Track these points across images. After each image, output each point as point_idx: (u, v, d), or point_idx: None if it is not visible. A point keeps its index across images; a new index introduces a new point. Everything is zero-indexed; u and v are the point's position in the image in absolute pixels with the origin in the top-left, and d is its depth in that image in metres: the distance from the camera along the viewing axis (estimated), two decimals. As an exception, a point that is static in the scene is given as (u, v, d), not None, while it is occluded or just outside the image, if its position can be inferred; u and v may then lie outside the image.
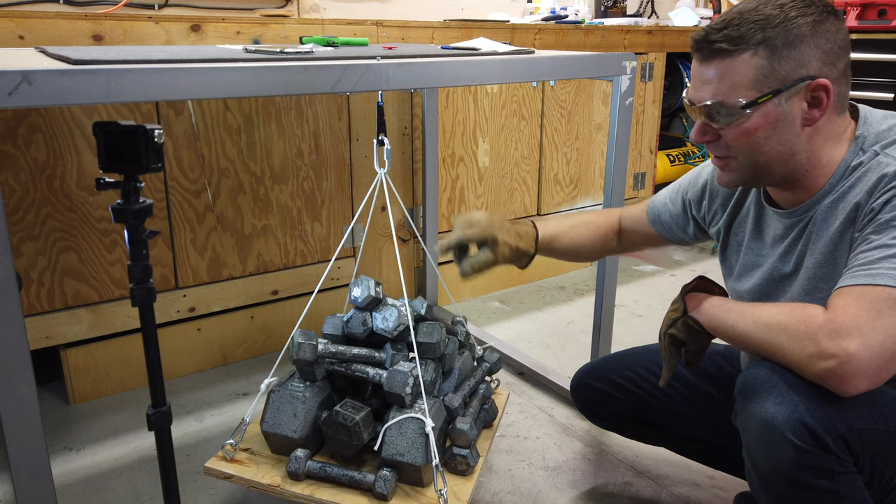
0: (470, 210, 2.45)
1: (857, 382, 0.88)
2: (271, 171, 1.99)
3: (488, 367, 1.59)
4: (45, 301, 1.74)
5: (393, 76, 1.21)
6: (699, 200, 1.29)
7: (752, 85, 0.99)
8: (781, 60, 0.98)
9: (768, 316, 0.98)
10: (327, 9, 2.68)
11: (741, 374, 1.03)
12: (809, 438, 0.92)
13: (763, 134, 1.01)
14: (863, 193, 1.00)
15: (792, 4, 0.98)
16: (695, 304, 1.10)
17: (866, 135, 1.04)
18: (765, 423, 0.94)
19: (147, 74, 0.99)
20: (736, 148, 1.04)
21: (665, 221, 1.36)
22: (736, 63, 0.99)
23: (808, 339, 0.91)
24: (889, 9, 2.84)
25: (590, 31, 2.56)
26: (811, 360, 0.91)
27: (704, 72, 1.03)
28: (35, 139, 1.64)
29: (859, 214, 1.00)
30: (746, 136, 1.02)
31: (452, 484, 1.32)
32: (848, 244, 1.01)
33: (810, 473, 0.93)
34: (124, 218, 0.99)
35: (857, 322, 0.89)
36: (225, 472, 1.33)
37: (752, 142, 1.02)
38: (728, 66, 1.00)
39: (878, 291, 0.90)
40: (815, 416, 0.92)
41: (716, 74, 1.01)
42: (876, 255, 0.93)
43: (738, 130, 1.02)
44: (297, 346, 1.35)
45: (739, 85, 1.00)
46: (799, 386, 0.94)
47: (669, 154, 3.10)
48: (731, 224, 1.24)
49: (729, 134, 1.03)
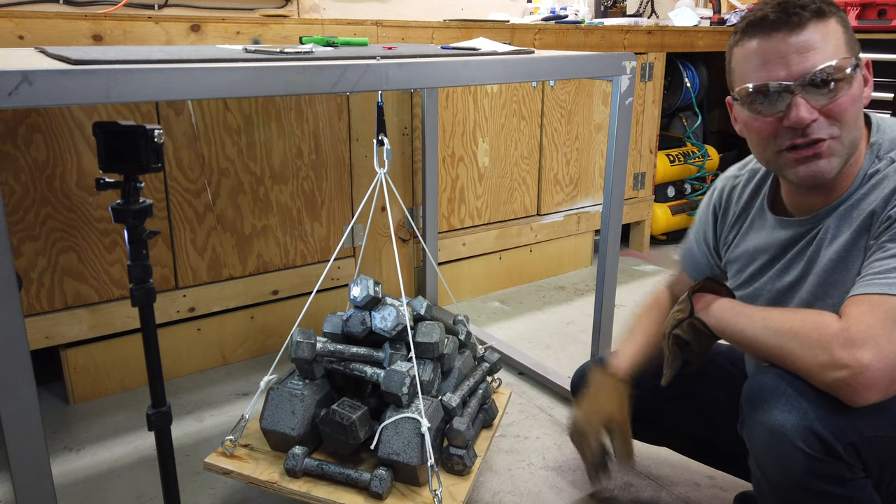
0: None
1: (869, 394, 0.88)
2: (271, 171, 1.99)
3: (489, 366, 1.59)
4: (45, 301, 1.74)
5: (393, 76, 1.21)
6: (713, 225, 1.29)
7: (847, 49, 0.98)
8: (850, 32, 0.99)
9: (780, 321, 0.97)
10: (327, 9, 2.68)
11: (747, 382, 1.02)
12: (820, 446, 0.91)
13: (859, 105, 1.00)
14: (879, 201, 0.99)
15: None
16: (702, 306, 1.08)
17: (881, 142, 1.03)
18: (774, 431, 0.93)
19: (147, 74, 0.99)
20: (844, 120, 0.98)
21: (699, 262, 1.34)
22: (830, 26, 0.98)
23: (820, 348, 0.91)
24: (889, 9, 2.84)
25: (590, 31, 2.56)
26: (823, 369, 0.90)
27: (798, 41, 0.96)
28: (35, 139, 1.64)
29: (875, 222, 0.99)
30: (853, 102, 0.98)
31: (449, 484, 1.32)
32: (862, 251, 1.00)
33: (822, 481, 0.92)
34: (124, 218, 0.99)
35: (871, 333, 0.88)
36: (224, 468, 1.33)
37: (855, 110, 0.99)
38: (826, 28, 0.97)
39: (893, 301, 0.90)
40: (824, 423, 0.91)
41: (818, 38, 0.97)
42: (892, 263, 0.93)
43: (848, 97, 0.98)
44: (296, 344, 1.36)
45: (838, 48, 0.97)
46: (808, 393, 0.93)
47: (669, 154, 3.10)
48: (738, 236, 1.23)
49: (839, 103, 0.97)
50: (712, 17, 3.33)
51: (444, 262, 2.45)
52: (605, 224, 1.68)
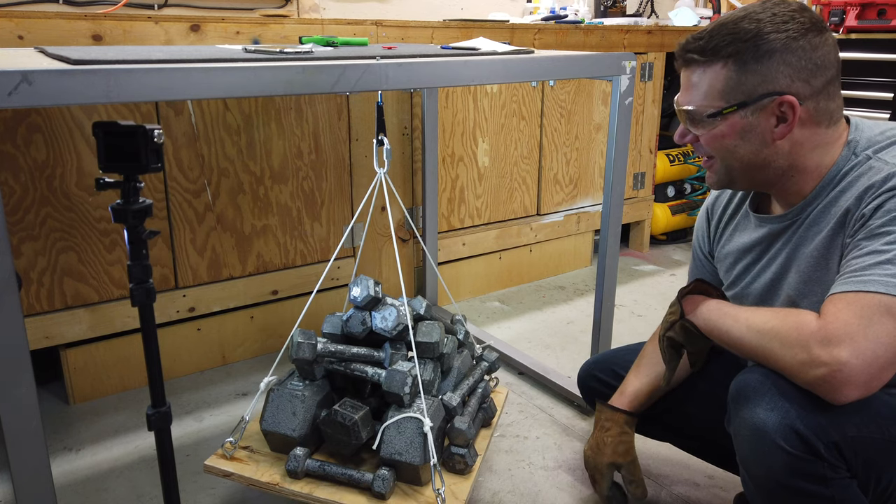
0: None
1: (849, 391, 0.88)
2: (271, 171, 1.99)
3: (487, 365, 1.59)
4: (44, 301, 1.74)
5: (392, 76, 1.21)
6: (706, 229, 1.31)
7: (719, 95, 1.04)
8: (748, 74, 1.01)
9: (762, 321, 0.98)
10: (327, 9, 2.68)
11: (734, 380, 1.03)
12: (800, 445, 0.92)
13: (731, 142, 1.06)
14: (853, 198, 1.00)
15: (770, 20, 0.99)
16: (691, 308, 1.10)
17: (858, 139, 1.04)
18: (756, 429, 0.95)
19: (147, 74, 0.99)
20: (710, 152, 1.09)
21: (698, 266, 1.36)
22: (707, 73, 1.04)
23: (799, 347, 0.92)
24: (889, 8, 2.84)
25: (589, 30, 2.56)
26: (803, 367, 0.91)
27: (684, 78, 1.08)
28: (35, 139, 1.64)
29: (849, 219, 1.00)
30: (716, 140, 1.07)
31: (451, 483, 1.32)
32: (839, 249, 1.02)
33: (803, 479, 0.93)
34: (124, 218, 0.99)
35: (848, 330, 0.88)
36: (224, 470, 1.33)
37: (722, 147, 1.07)
38: (701, 75, 1.05)
39: (868, 298, 0.90)
40: (806, 422, 0.92)
41: (690, 82, 1.07)
42: (867, 261, 0.94)
43: (709, 135, 1.07)
44: (297, 345, 1.35)
45: (709, 94, 1.04)
46: (790, 392, 0.94)
47: (669, 154, 3.10)
48: (725, 237, 1.25)
49: (703, 138, 1.08)
50: (712, 16, 3.32)
51: (444, 261, 2.45)
52: (604, 224, 1.68)
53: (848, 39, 2.96)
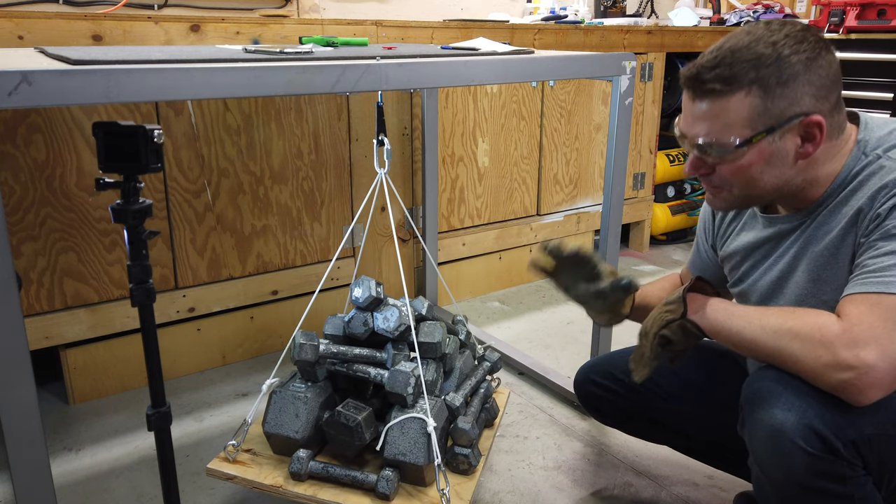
0: (471, 208, 2.45)
1: (873, 393, 0.88)
2: (271, 171, 1.99)
3: (489, 366, 1.59)
4: (44, 301, 1.74)
5: (392, 76, 1.21)
6: (711, 222, 1.30)
7: (746, 123, 0.99)
8: (775, 99, 0.97)
9: (778, 322, 0.97)
10: (327, 9, 2.68)
11: (746, 382, 1.02)
12: (820, 444, 0.91)
13: (758, 169, 1.02)
14: (865, 198, 0.99)
15: (784, 42, 0.97)
16: (696, 308, 1.07)
17: (868, 139, 1.04)
18: (774, 430, 0.93)
19: (147, 74, 0.99)
20: (731, 182, 1.04)
21: (700, 260, 1.35)
22: (730, 103, 0.99)
23: (823, 349, 0.91)
24: (889, 9, 2.84)
25: (589, 31, 2.56)
26: (827, 369, 0.90)
27: (697, 108, 1.02)
28: (35, 139, 1.64)
29: (861, 219, 0.99)
30: (741, 171, 1.02)
31: (454, 483, 1.32)
32: (851, 248, 1.01)
33: (823, 479, 0.92)
34: (124, 218, 0.99)
35: (874, 332, 0.88)
36: (227, 473, 1.33)
37: (746, 177, 1.02)
38: (722, 105, 0.99)
39: (892, 300, 0.90)
40: (824, 421, 0.91)
41: (709, 113, 1.00)
42: (886, 261, 0.93)
43: (733, 167, 1.02)
44: (299, 346, 1.35)
45: (734, 124, 0.99)
46: (807, 392, 0.93)
47: (669, 154, 3.10)
48: (733, 233, 1.24)
49: (723, 169, 1.03)
50: (712, 17, 3.33)
51: (444, 262, 2.45)
52: (604, 224, 1.68)
53: (848, 39, 2.96)
